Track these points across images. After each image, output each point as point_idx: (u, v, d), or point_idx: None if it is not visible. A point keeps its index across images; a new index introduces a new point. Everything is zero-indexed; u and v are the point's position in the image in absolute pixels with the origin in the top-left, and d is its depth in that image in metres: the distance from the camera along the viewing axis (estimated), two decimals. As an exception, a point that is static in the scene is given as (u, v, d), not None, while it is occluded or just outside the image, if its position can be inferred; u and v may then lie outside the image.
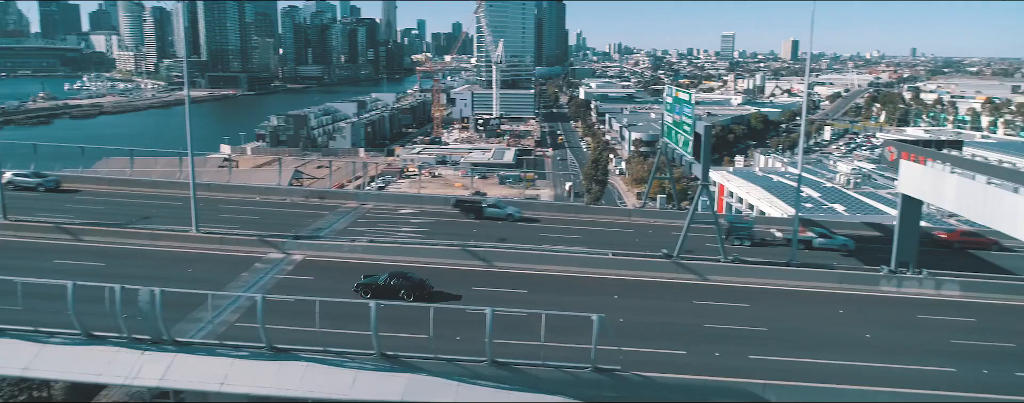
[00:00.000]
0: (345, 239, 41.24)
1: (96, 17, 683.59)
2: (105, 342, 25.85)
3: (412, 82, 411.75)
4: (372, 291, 33.22)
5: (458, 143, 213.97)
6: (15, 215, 41.51)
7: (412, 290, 33.53)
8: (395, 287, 33.49)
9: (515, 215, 50.46)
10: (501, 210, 50.80)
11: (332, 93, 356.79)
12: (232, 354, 25.88)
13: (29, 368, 24.63)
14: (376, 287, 33.49)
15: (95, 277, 28.78)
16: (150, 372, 24.85)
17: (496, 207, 51.27)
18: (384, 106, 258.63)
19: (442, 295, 34.03)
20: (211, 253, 39.04)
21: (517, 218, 50.25)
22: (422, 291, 33.74)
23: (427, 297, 33.02)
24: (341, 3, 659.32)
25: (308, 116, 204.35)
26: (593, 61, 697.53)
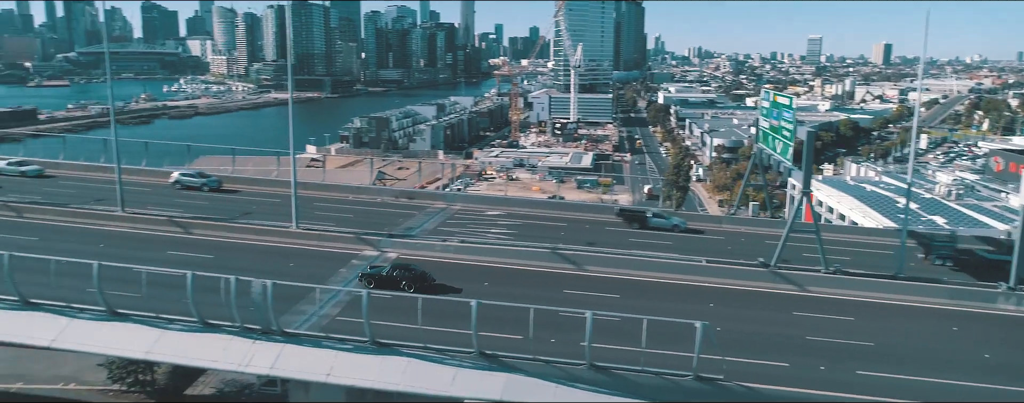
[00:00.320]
0: (437, 239, 41.88)
1: (192, 23, 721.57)
2: (219, 330, 27.06)
3: (489, 86, 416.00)
4: (376, 281, 34.21)
5: (535, 147, 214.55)
6: (131, 208, 44.11)
7: (413, 281, 34.30)
8: (397, 278, 34.42)
9: (681, 226, 48.90)
10: (667, 221, 49.37)
11: (411, 96, 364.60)
12: (337, 347, 26.63)
13: (151, 352, 26.01)
14: (379, 278, 34.54)
15: (206, 269, 30.15)
16: (261, 360, 25.85)
17: (661, 217, 49.96)
18: (462, 109, 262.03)
19: (444, 289, 34.52)
20: (310, 249, 40.37)
21: (683, 229, 48.55)
22: (423, 283, 34.43)
23: (427, 289, 33.57)
24: (421, 8, 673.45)
25: (390, 119, 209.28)
26: (672, 65, 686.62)
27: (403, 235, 42.63)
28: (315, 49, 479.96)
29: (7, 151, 72.85)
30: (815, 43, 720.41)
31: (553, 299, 34.54)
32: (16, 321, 27.18)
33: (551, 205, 55.14)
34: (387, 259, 39.06)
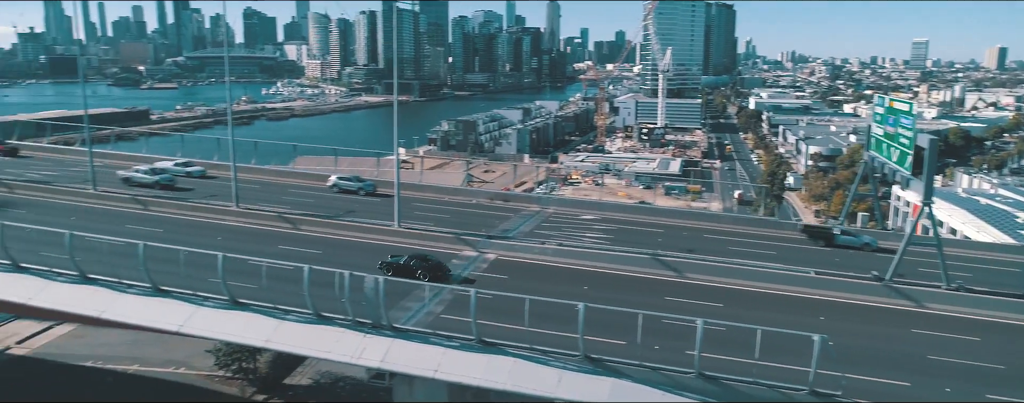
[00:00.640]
0: (535, 241, 42.05)
1: (289, 28, 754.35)
2: (332, 322, 28.04)
3: (574, 90, 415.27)
4: (394, 270, 35.40)
5: (621, 152, 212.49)
6: (245, 204, 46.43)
7: (428, 271, 35.34)
8: (413, 267, 35.55)
9: (872, 244, 45.53)
10: (856, 239, 46.30)
11: (496, 100, 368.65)
12: (444, 343, 27.11)
13: (271, 340, 27.23)
14: (397, 266, 35.77)
15: (314, 263, 31.16)
16: (372, 354, 26.61)
17: (850, 235, 46.86)
18: (548, 114, 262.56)
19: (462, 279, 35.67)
20: (412, 247, 41.27)
21: (874, 248, 45.16)
22: (437, 273, 35.54)
23: (442, 280, 34.58)
24: (507, 12, 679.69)
25: (477, 122, 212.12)
26: (763, 70, 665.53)
27: (500, 236, 43.02)
28: (404, 53, 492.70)
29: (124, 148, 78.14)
30: (920, 47, 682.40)
31: (655, 305, 33.91)
32: (149, 306, 29.03)
33: (647, 211, 54.33)
34: (487, 260, 39.52)
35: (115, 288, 29.82)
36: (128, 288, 29.85)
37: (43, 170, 57.63)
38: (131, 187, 51.71)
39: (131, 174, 53.26)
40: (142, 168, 53.38)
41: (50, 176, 54.79)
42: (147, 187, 51.82)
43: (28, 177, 53.55)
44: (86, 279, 30.23)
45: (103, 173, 52.28)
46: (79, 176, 54.89)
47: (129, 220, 43.70)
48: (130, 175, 53.11)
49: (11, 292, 29.80)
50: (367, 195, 54.04)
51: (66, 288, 30.12)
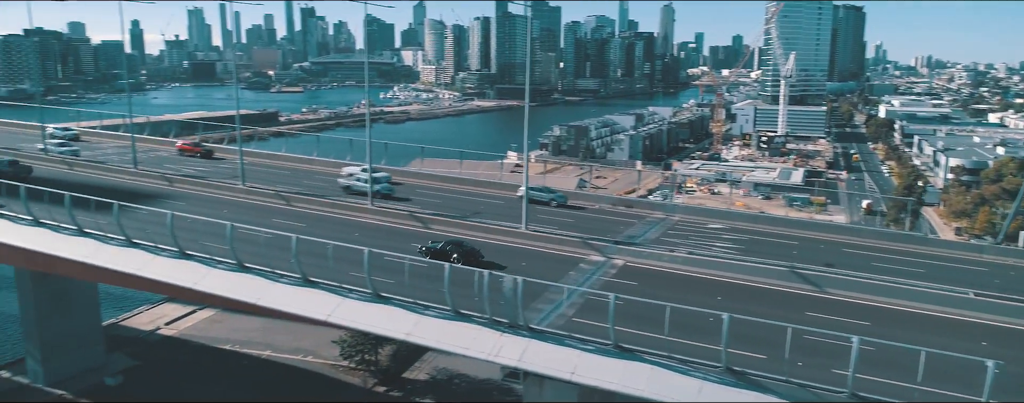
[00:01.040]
0: (664, 248, 41.34)
1: (406, 35, 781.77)
2: (470, 320, 28.71)
3: (687, 96, 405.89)
4: (432, 254, 37.27)
5: (738, 160, 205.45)
6: (380, 203, 48.43)
7: (463, 256, 37.11)
8: (449, 252, 37.44)
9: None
10: None
11: (607, 106, 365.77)
12: (580, 346, 27.12)
13: (412, 334, 28.23)
14: (435, 251, 37.74)
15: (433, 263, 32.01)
16: (509, 352, 27.00)
17: None
18: (661, 120, 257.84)
19: (493, 266, 36.07)
20: (538, 250, 41.64)
21: None
22: (471, 258, 37.09)
23: (475, 265, 35.13)
24: (619, 17, 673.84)
25: (588, 128, 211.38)
26: (895, 76, 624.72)
27: (628, 242, 42.59)
28: (517, 59, 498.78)
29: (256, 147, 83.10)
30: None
31: (794, 320, 32.15)
32: (299, 295, 30.82)
33: (779, 221, 52.19)
34: (614, 266, 39.22)
35: (269, 277, 31.83)
36: (280, 278, 31.78)
37: (197, 166, 62.42)
38: (351, 195, 51.85)
39: (351, 182, 53.11)
40: (362, 177, 52.76)
41: (203, 171, 59.30)
42: (366, 195, 50.51)
43: (184, 172, 58.15)
44: (243, 268, 32.46)
45: (251, 171, 56.00)
46: (227, 172, 59.21)
47: (274, 214, 46.52)
48: (350, 184, 53.00)
49: (178, 277, 32.41)
50: (558, 206, 52.45)
51: (226, 275, 32.45)
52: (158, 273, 32.51)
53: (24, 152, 59.96)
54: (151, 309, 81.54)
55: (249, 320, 77.50)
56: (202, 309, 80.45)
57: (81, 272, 36.08)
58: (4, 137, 72.14)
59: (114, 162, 59.59)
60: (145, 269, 32.56)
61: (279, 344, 71.25)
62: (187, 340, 73.19)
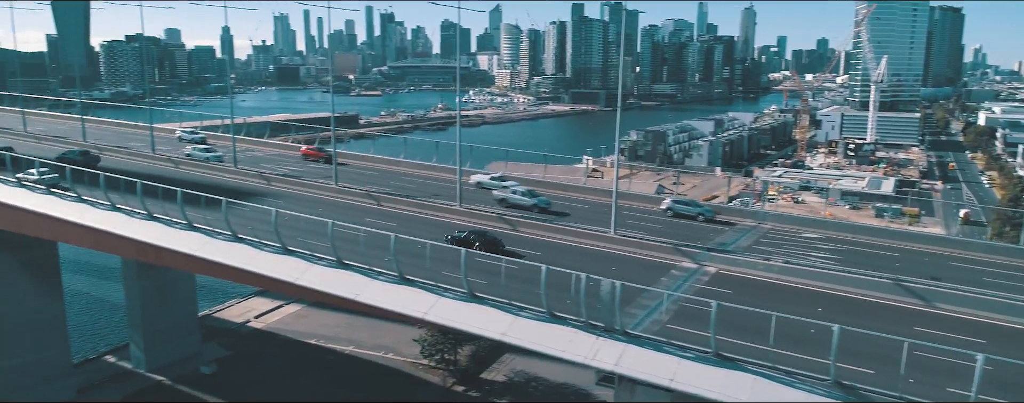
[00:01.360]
0: (759, 257, 40.21)
1: (482, 39, 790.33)
2: (565, 323, 28.68)
3: (768, 101, 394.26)
4: (457, 242, 38.54)
5: (823, 168, 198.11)
6: (467, 204, 49.05)
7: (485, 245, 38.49)
8: (471, 240, 39.26)
9: None
10: None
11: (683, 111, 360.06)
12: (678, 353, 26.66)
13: (506, 334, 28.45)
14: (459, 240, 39.39)
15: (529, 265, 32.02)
16: (606, 356, 26.82)
17: None
18: (741, 126, 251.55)
19: (513, 254, 37.48)
20: (628, 255, 41.24)
21: None
22: (492, 247, 38.41)
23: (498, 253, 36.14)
24: (698, 21, 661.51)
25: (666, 133, 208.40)
26: (995, 81, 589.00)
27: (720, 250, 41.65)
28: (592, 63, 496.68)
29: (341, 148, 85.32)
30: None
31: (903, 335, 30.73)
32: (396, 293, 31.56)
33: (878, 232, 50.00)
34: (707, 273, 38.46)
35: (367, 274, 32.67)
36: (378, 275, 32.57)
37: (291, 166, 64.77)
38: (507, 208, 50.10)
39: (507, 195, 51.13)
40: (520, 189, 52.28)
41: (298, 171, 61.49)
42: (524, 209, 49.71)
43: (280, 171, 60.45)
44: (342, 264, 33.43)
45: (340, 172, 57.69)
46: (319, 172, 61.23)
47: (367, 214, 47.72)
48: (506, 196, 51.03)
49: (281, 271, 33.64)
50: (706, 221, 49.58)
51: (325, 271, 33.49)
52: (262, 267, 33.87)
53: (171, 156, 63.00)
54: (241, 302, 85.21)
55: (332, 316, 79.96)
56: (288, 304, 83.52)
57: (188, 264, 37.99)
58: (114, 136, 76.80)
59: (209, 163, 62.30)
60: (250, 263, 33.99)
61: (361, 340, 73.20)
62: (275, 333, 76.13)
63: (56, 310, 59.66)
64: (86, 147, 64.59)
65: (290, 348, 72.71)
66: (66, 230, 44.60)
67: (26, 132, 74.01)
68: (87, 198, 42.70)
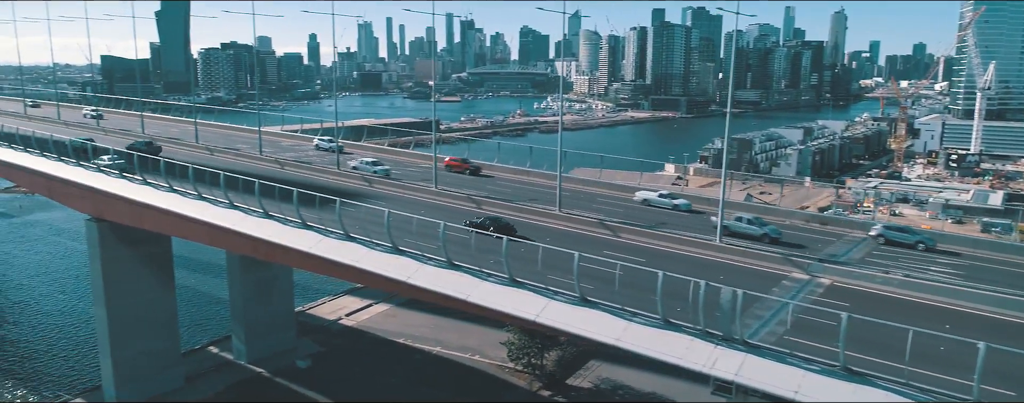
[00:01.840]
0: (878, 269, 38.46)
1: (560, 46, 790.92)
2: (680, 330, 28.18)
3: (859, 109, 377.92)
4: (475, 227, 40.14)
5: (922, 180, 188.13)
6: (568, 209, 49.03)
7: (499, 229, 40.94)
8: (487, 225, 42.60)
9: None
10: None
11: (768, 118, 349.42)
12: (803, 365, 25.76)
13: (621, 340, 28.13)
14: (475, 224, 41.68)
15: (641, 271, 31.62)
16: (725, 365, 26.20)
17: None
18: (832, 134, 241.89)
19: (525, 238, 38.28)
20: (733, 264, 40.22)
21: None
22: (506, 231, 40.61)
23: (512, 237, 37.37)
24: (784, 26, 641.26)
25: (752, 141, 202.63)
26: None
27: (833, 261, 40.08)
28: (674, 69, 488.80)
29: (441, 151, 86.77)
30: None
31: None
32: (506, 295, 31.82)
33: (1002, 247, 46.95)
34: (821, 285, 37.07)
35: (476, 275, 33.03)
36: (487, 277, 32.87)
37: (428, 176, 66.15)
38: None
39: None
40: (664, 192, 52.25)
41: (397, 174, 62.99)
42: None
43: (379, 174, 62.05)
44: (452, 265, 33.94)
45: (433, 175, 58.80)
46: (413, 174, 62.59)
47: (466, 216, 48.38)
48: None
49: (392, 270, 34.41)
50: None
51: (435, 271, 34.08)
52: (373, 266, 34.71)
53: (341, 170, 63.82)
54: (332, 300, 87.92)
55: (419, 316, 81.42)
56: (377, 303, 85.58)
57: (302, 261, 39.34)
58: (221, 138, 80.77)
59: (316, 163, 64.70)
60: (362, 261, 34.91)
61: (447, 341, 74.19)
62: (364, 331, 78.11)
63: (169, 303, 63.00)
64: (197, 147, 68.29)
65: (379, 346, 74.40)
66: (183, 225, 47.15)
67: (144, 134, 78.75)
68: (207, 196, 44.98)
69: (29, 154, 61.01)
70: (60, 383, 66.54)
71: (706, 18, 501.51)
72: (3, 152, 62.91)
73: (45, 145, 57.93)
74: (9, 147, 63.44)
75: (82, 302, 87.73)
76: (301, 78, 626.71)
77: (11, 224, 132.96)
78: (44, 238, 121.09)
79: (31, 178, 63.97)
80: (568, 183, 60.38)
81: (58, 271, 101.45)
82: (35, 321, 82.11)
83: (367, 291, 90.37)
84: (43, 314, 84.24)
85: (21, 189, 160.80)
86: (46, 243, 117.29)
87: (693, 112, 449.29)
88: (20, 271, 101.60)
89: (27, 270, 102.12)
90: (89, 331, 78.46)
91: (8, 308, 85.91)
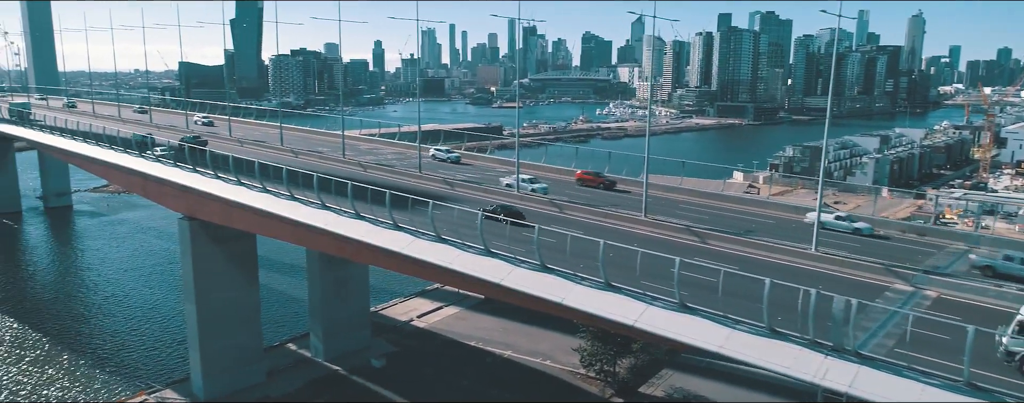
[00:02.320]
0: (990, 283, 36.59)
1: (623, 51, 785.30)
2: (786, 339, 27.38)
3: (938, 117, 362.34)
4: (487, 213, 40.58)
5: (1010, 191, 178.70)
6: (653, 215, 48.47)
7: (509, 215, 43.48)
8: (498, 212, 44.68)
9: None
10: None
11: (840, 126, 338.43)
12: (922, 379, 24.66)
13: (723, 347, 27.57)
14: (488, 212, 41.76)
15: (733, 279, 30.70)
16: (836, 377, 25.34)
17: None
18: (910, 143, 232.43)
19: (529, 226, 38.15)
20: (831, 274, 38.89)
21: None
22: (515, 216, 44.54)
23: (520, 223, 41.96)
24: (858, 30, 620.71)
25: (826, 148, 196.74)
26: None
27: (938, 273, 38.34)
28: (741, 75, 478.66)
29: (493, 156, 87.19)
30: None
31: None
32: (602, 299, 31.61)
33: None
34: (927, 298, 35.50)
35: (571, 279, 32.86)
36: (581, 280, 32.67)
37: (467, 173, 67.08)
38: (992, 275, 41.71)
39: (826, 219, 47.37)
40: (842, 215, 50.72)
41: (473, 178, 63.55)
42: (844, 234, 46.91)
43: (459, 177, 62.74)
44: (546, 268, 33.90)
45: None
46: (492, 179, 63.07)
47: (550, 221, 48.34)
48: (824, 220, 46.75)
49: (486, 272, 34.51)
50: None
51: (529, 274, 34.01)
52: (466, 267, 34.93)
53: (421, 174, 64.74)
54: (403, 302, 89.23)
55: (489, 320, 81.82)
56: (447, 306, 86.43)
57: (391, 262, 39.92)
58: (301, 141, 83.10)
59: (397, 166, 65.73)
60: (454, 263, 35.20)
61: (518, 345, 74.27)
62: (436, 333, 78.95)
63: (253, 299, 65.10)
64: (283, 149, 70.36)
65: (450, 348, 75.09)
66: (272, 224, 48.62)
67: (231, 137, 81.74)
68: (299, 197, 46.28)
69: (128, 154, 64.18)
70: (149, 374, 69.43)
71: (775, 23, 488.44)
72: (107, 154, 66.32)
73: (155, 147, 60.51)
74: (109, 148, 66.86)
75: (167, 297, 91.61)
76: (366, 84, 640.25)
77: (100, 222, 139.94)
78: (130, 236, 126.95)
79: (128, 177, 67.27)
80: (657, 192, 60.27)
81: (144, 267, 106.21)
82: (126, 314, 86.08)
83: (437, 293, 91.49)
84: (133, 308, 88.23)
85: (107, 189, 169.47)
86: (132, 240, 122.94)
87: (761, 119, 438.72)
88: (110, 266, 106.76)
89: (116, 265, 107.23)
90: (173, 325, 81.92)
91: (102, 302, 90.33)
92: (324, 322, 70.79)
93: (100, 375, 68.83)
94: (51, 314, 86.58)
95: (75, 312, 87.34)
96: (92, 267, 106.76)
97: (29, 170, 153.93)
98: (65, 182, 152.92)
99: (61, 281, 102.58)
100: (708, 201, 57.94)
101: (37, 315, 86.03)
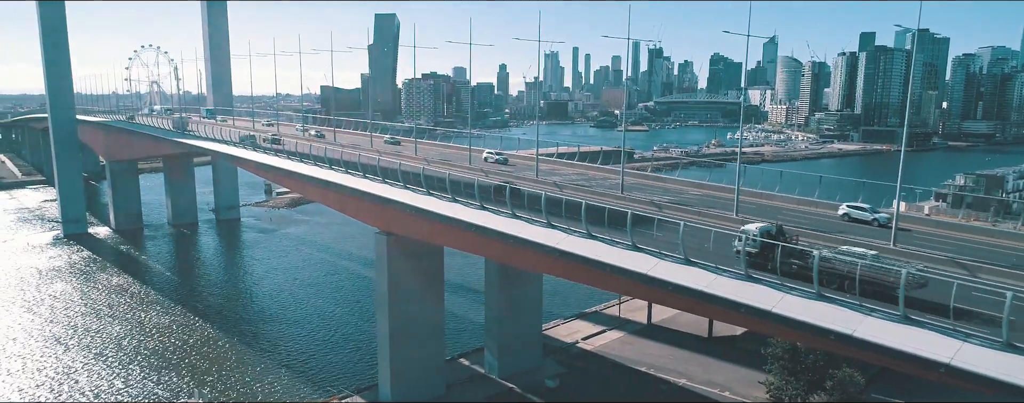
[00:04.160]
0: None
1: (753, 74, 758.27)
2: None
3: None
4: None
5: None
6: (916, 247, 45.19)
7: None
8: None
9: None
10: None
11: (1004, 153, 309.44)
12: None
13: (953, 360, 25.67)
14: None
15: None
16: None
17: None
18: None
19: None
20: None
21: None
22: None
23: None
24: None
25: (1005, 177, 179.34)
26: None
27: None
28: (891, 98, 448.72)
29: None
30: None
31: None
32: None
33: None
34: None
35: (854, 309, 29.99)
36: (871, 312, 29.73)
37: (652, 195, 64.55)
38: None
39: None
40: None
41: (683, 198, 60.68)
42: None
43: (664, 200, 60.13)
44: (821, 297, 31.32)
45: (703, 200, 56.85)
46: (695, 200, 60.60)
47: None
48: None
49: (752, 298, 32.16)
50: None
51: (801, 302, 31.13)
52: (727, 292, 33.17)
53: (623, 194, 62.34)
54: (565, 323, 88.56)
55: (655, 346, 79.58)
56: (610, 329, 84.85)
57: (630, 287, 38.80)
58: (477, 161, 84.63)
59: (594, 186, 63.95)
60: (711, 287, 33.71)
61: (692, 374, 71.59)
62: (604, 356, 77.58)
63: (438, 313, 66.66)
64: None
65: (621, 372, 73.59)
66: (479, 242, 49.12)
67: (416, 156, 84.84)
68: (522, 215, 46.50)
69: (334, 171, 67.78)
70: (335, 380, 72.45)
71: (928, 41, 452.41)
72: (319, 171, 70.45)
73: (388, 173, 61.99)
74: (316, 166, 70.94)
75: (338, 307, 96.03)
76: (491, 107, 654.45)
77: (267, 235, 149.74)
78: (294, 248, 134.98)
79: (324, 193, 70.84)
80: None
81: (313, 278, 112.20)
82: (305, 321, 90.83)
83: (598, 317, 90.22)
84: (310, 316, 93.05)
85: (266, 204, 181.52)
86: (298, 253, 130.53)
87: (912, 145, 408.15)
88: (281, 275, 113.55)
89: (287, 275, 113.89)
90: (351, 334, 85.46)
91: (284, 311, 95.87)
92: (499, 339, 71.35)
93: (290, 381, 72.49)
94: (235, 318, 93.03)
95: (257, 317, 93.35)
96: (267, 275, 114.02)
97: (203, 185, 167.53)
98: (235, 197, 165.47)
99: (239, 288, 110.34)
100: (959, 233, 53.49)
101: (223, 318, 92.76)
